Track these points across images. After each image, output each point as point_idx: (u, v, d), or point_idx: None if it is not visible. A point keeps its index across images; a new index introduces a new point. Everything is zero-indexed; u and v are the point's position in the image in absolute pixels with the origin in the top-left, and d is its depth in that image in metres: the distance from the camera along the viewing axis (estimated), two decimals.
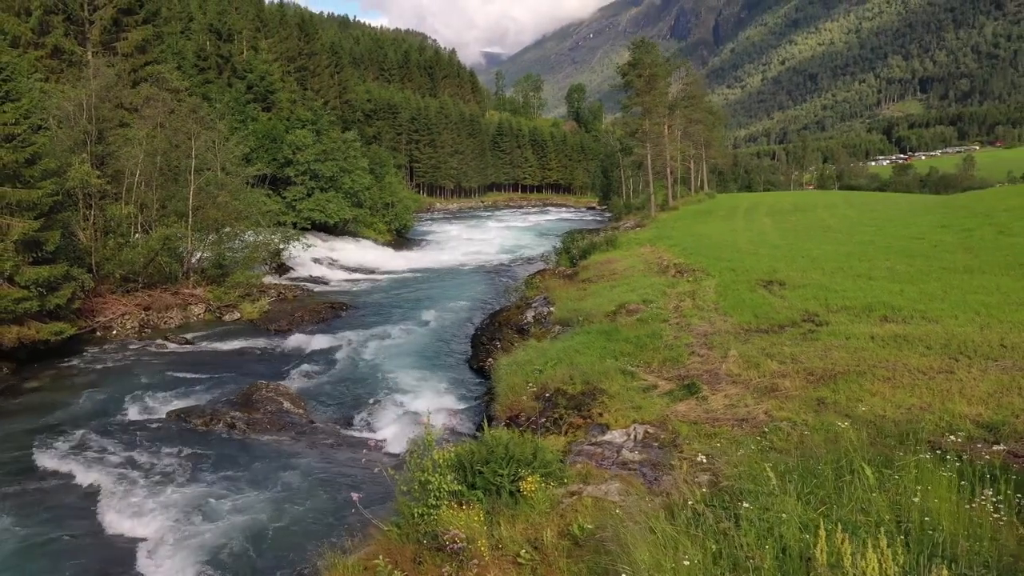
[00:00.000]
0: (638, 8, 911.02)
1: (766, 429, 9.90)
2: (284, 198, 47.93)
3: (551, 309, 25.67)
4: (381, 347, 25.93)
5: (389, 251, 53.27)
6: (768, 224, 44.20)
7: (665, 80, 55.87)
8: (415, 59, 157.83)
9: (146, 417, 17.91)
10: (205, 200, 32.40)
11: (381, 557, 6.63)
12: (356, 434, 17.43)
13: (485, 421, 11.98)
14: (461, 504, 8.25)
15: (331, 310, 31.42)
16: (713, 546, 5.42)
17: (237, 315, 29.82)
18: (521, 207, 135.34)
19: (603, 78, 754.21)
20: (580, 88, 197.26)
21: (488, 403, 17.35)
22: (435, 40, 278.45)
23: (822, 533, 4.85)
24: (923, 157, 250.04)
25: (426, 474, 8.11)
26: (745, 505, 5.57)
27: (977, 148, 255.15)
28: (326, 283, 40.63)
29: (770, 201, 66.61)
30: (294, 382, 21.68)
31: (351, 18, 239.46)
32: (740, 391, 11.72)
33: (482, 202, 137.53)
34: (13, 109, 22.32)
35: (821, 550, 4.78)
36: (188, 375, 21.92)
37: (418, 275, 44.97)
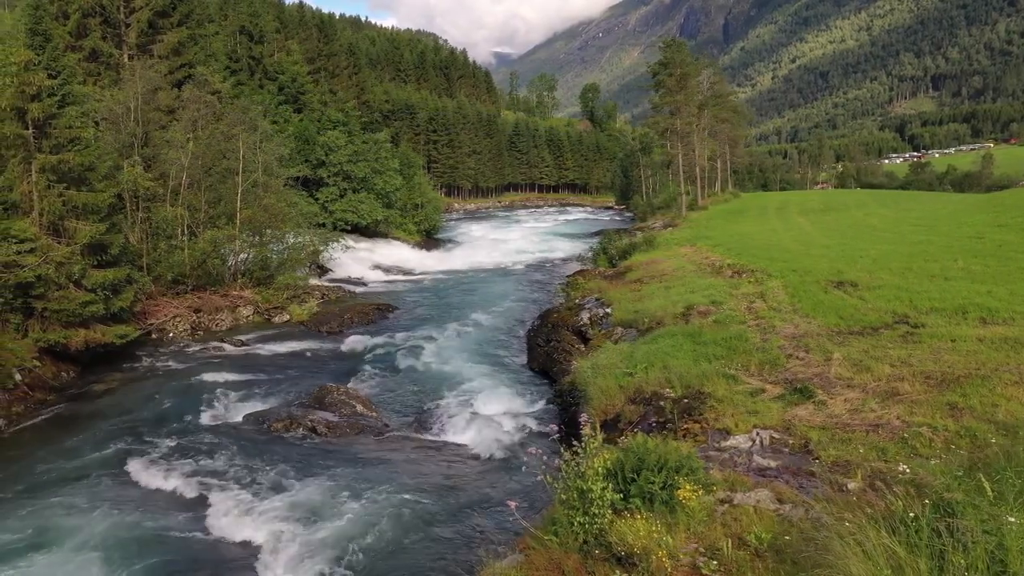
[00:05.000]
0: (647, 7, 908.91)
1: (905, 435, 9.71)
2: (317, 199, 47.94)
3: (608, 310, 25.46)
4: (435, 348, 25.86)
5: (421, 252, 53.26)
6: (805, 224, 43.94)
7: (695, 79, 55.64)
8: (431, 59, 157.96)
9: (223, 420, 17.88)
10: (252, 202, 32.41)
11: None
12: (433, 437, 17.30)
13: (596, 426, 11.79)
14: (617, 513, 8.11)
15: (378, 311, 31.36)
16: (961, 560, 5.27)
17: (286, 317, 29.79)
18: (538, 207, 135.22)
19: (612, 77, 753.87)
20: (594, 87, 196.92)
21: (569, 405, 17.21)
22: (446, 40, 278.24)
23: None
24: (937, 155, 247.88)
25: (588, 482, 7.98)
26: (1012, 521, 5.38)
27: (991, 145, 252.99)
28: (365, 284, 40.62)
29: (798, 200, 66.32)
30: (358, 384, 21.64)
31: (362, 18, 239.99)
32: (859, 395, 11.52)
33: (499, 202, 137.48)
34: (74, 112, 22.34)
35: None
36: (251, 377, 21.90)
37: (454, 276, 44.90)
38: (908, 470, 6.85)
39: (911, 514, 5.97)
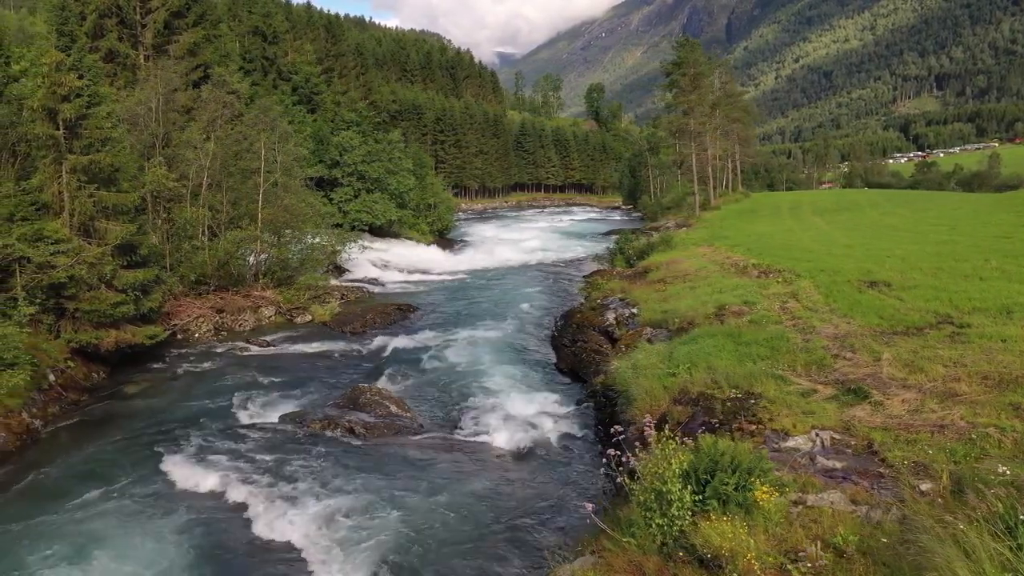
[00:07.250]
0: (650, 7, 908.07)
1: (972, 436, 9.63)
2: (331, 200, 47.91)
3: (633, 311, 25.39)
4: (460, 348, 25.78)
5: (436, 252, 53.23)
6: (822, 224, 43.84)
7: (708, 79, 55.58)
8: (437, 60, 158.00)
9: (258, 421, 17.83)
10: (272, 202, 32.40)
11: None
12: (468, 438, 17.21)
13: (652, 428, 11.72)
14: (694, 515, 8.05)
15: (399, 312, 31.32)
16: None
17: (308, 317, 29.75)
18: (545, 207, 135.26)
19: (615, 77, 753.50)
20: (599, 87, 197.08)
21: (604, 406, 17.14)
22: (450, 40, 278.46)
23: None
24: (942, 155, 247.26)
25: (667, 484, 7.92)
26: None
27: (996, 145, 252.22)
28: (383, 285, 40.58)
29: (810, 200, 66.21)
30: (387, 384, 21.56)
31: (366, 19, 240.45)
32: (916, 396, 11.44)
33: (506, 202, 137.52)
34: (103, 113, 22.31)
35: None
36: (280, 378, 21.84)
37: (470, 276, 44.86)
38: (1008, 471, 6.75)
39: (1021, 516, 5.90)
